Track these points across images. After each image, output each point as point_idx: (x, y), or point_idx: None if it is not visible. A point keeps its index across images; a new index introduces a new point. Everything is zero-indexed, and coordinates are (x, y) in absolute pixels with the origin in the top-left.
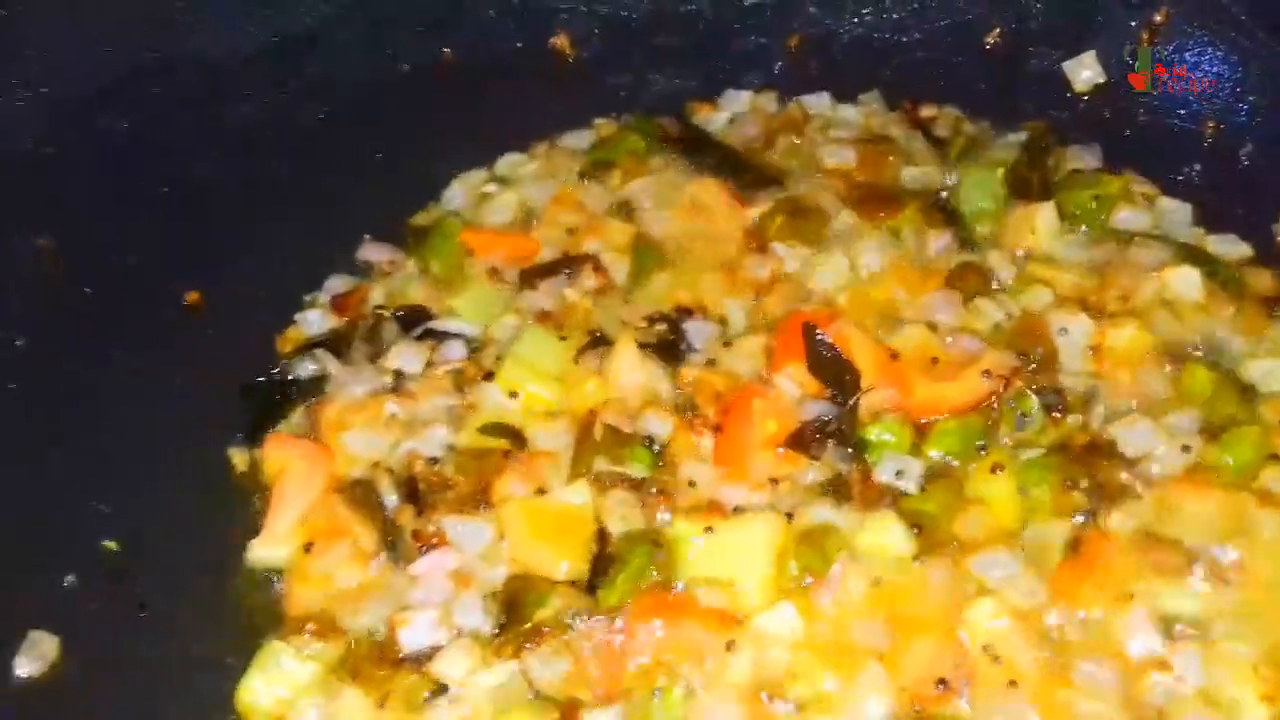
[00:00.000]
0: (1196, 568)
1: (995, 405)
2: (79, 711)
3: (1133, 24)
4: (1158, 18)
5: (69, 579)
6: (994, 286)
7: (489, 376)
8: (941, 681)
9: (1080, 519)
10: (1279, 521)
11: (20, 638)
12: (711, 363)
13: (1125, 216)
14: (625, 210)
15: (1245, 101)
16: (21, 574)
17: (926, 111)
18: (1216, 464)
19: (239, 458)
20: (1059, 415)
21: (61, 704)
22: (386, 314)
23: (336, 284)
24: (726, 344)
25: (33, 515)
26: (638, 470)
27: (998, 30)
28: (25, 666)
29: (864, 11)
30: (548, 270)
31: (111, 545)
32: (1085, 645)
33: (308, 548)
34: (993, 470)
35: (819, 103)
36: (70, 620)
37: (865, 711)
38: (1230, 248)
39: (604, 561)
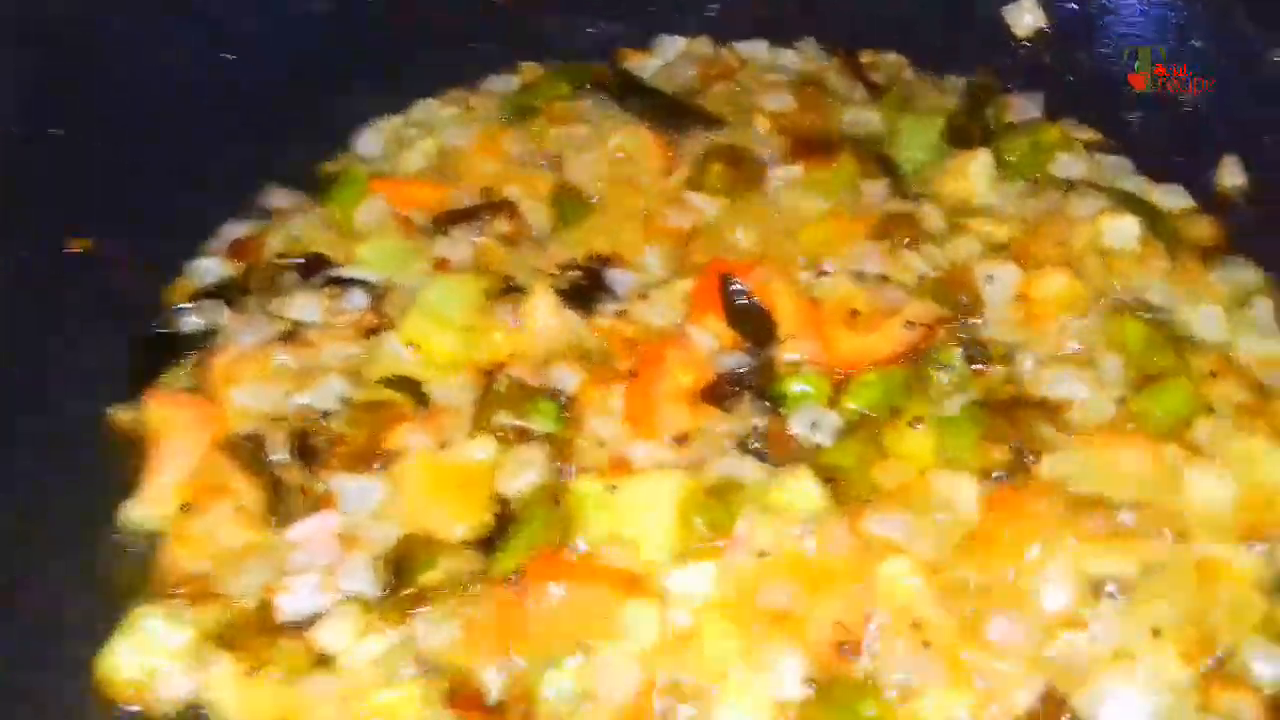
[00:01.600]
0: (1120, 523)
1: (917, 357)
2: None
3: None
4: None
5: None
6: (924, 237)
7: (390, 326)
8: (848, 643)
9: (1000, 474)
10: (1208, 476)
11: None
12: (625, 313)
13: (1064, 164)
14: (548, 158)
15: (1186, 46)
16: None
17: (865, 58)
18: (1146, 415)
19: (121, 415)
20: (982, 367)
21: None
22: (286, 261)
23: (234, 230)
24: (643, 294)
25: None
26: (542, 425)
27: None
28: None
29: None
30: (461, 216)
31: None
32: (1000, 602)
33: (185, 507)
34: (911, 424)
35: (755, 49)
36: None
37: (776, 677)
38: (1172, 198)
39: (504, 521)
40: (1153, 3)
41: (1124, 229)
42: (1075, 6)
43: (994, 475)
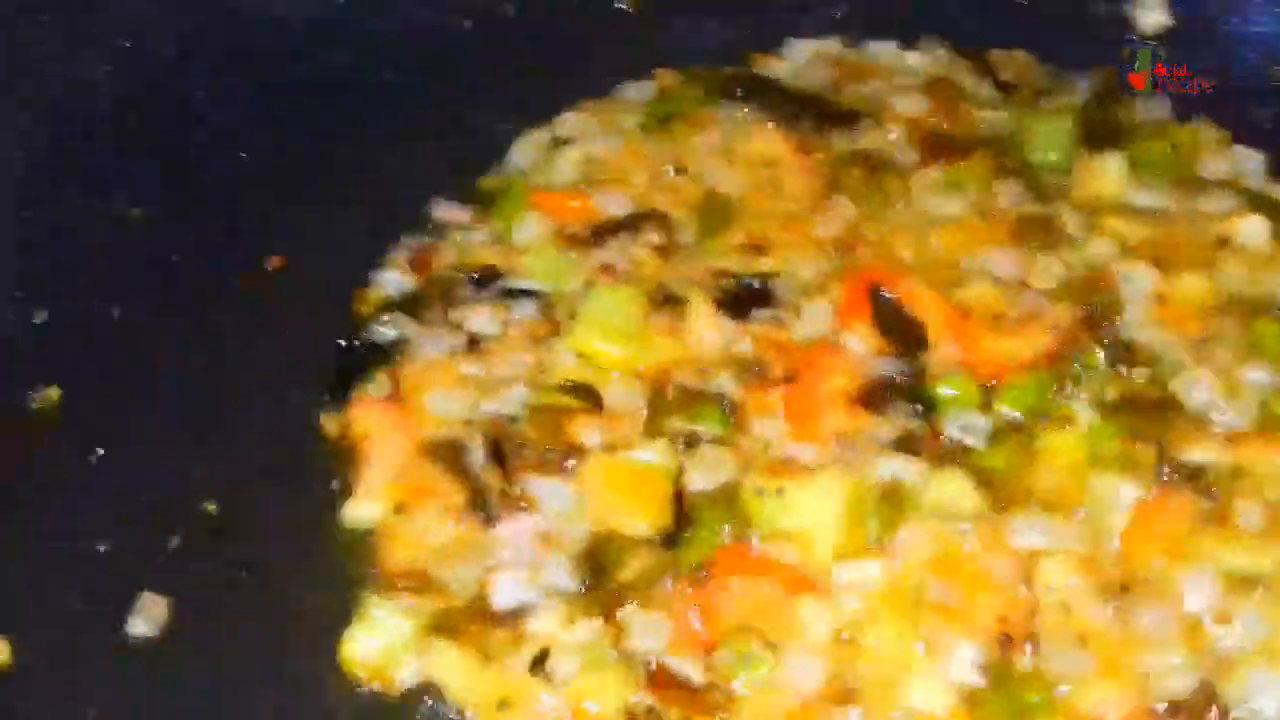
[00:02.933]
0: (1261, 523)
1: (1062, 360)
2: (190, 668)
3: None
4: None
5: (174, 541)
6: (1061, 239)
7: (560, 334)
8: (1010, 637)
9: (1148, 474)
10: None
11: (133, 599)
12: (779, 319)
13: (1197, 164)
14: (691, 165)
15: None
16: (130, 538)
17: (994, 56)
18: None
19: (329, 421)
20: (1125, 369)
21: (174, 661)
22: (460, 274)
23: (411, 243)
24: (795, 302)
25: (137, 480)
26: (711, 428)
27: None
28: (139, 626)
29: None
30: (614, 228)
31: (211, 507)
32: (1151, 597)
33: (399, 508)
34: (1061, 426)
35: (884, 49)
36: (178, 581)
37: (954, 664)
38: None
39: (683, 520)
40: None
41: (1255, 228)
42: (1197, 6)
43: (1141, 476)
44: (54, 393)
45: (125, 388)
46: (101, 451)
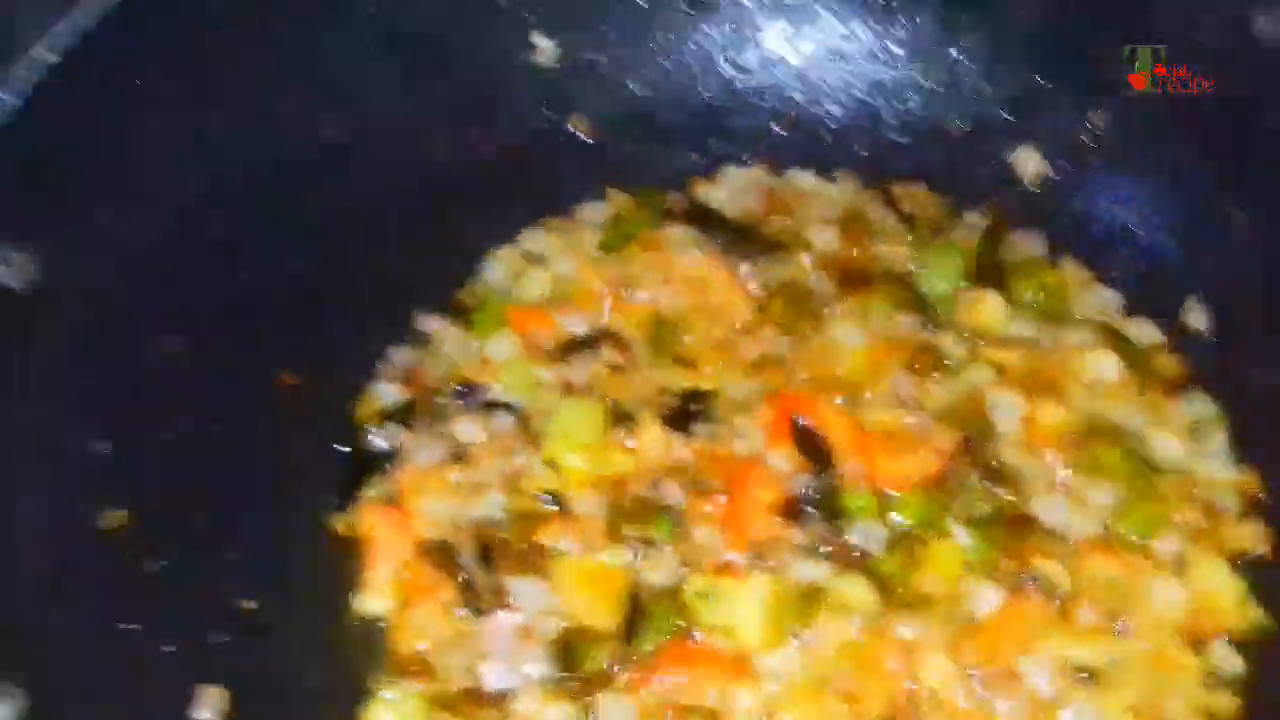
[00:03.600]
0: (1097, 623)
1: (944, 479)
2: None
3: (1072, 125)
4: (1094, 117)
5: (221, 636)
6: (946, 365)
7: (534, 445)
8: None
9: (1010, 581)
10: (1165, 586)
11: (192, 692)
12: (715, 436)
13: (1062, 302)
14: (639, 287)
15: (1164, 199)
16: (188, 636)
17: (896, 189)
18: (1120, 532)
19: (337, 522)
20: (994, 487)
21: None
22: (445, 389)
23: (400, 355)
24: (729, 421)
25: (189, 583)
26: (660, 536)
27: (956, 119)
28: (203, 714)
29: (842, 96)
30: (577, 346)
31: (251, 604)
32: (1005, 687)
33: (403, 601)
34: (941, 537)
35: (804, 179)
36: (227, 672)
37: None
38: (1146, 332)
39: (636, 615)
40: (1145, 163)
41: (1107, 362)
42: (1068, 165)
43: (1004, 582)
44: (119, 514)
45: (174, 504)
46: (165, 563)
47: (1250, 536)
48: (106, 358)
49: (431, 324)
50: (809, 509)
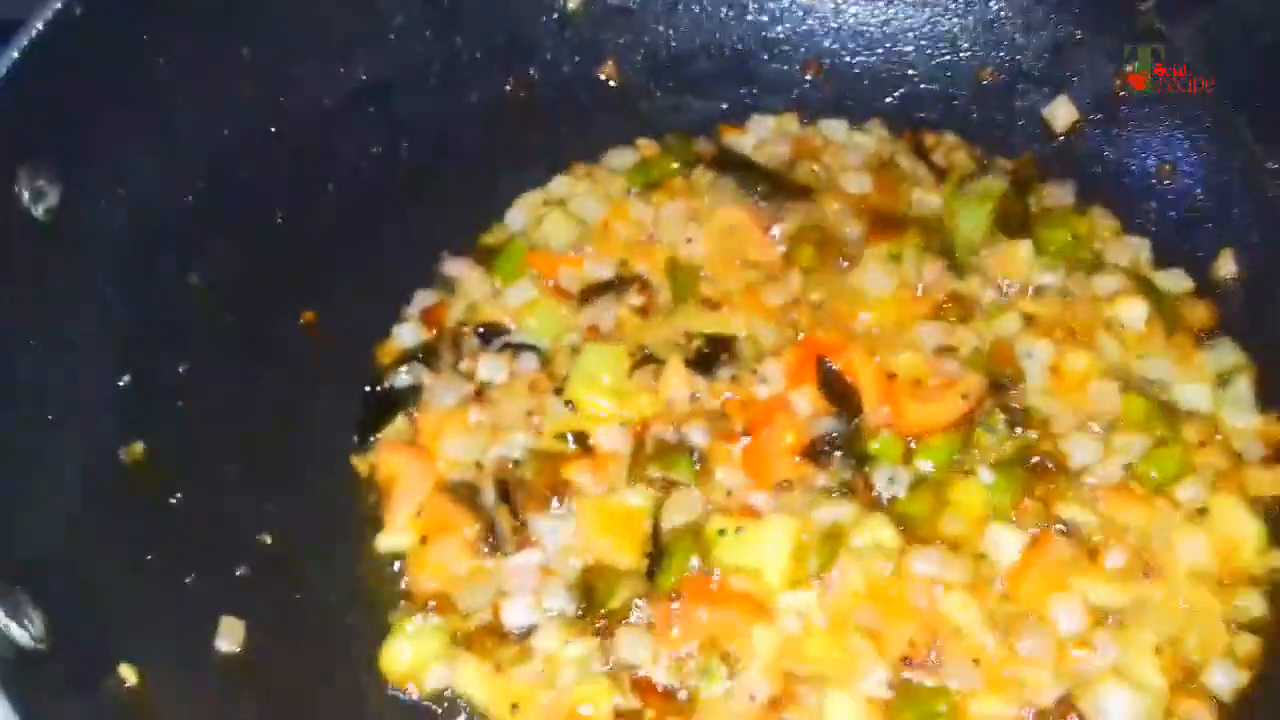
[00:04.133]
0: (1122, 565)
1: (971, 423)
2: (269, 676)
3: (1107, 75)
4: (1129, 68)
5: (242, 570)
6: (975, 314)
7: (558, 391)
8: (913, 658)
9: (1033, 524)
10: (1189, 529)
11: (215, 622)
12: (738, 379)
13: (1092, 250)
14: (665, 231)
15: (1197, 150)
16: (207, 568)
17: (928, 139)
18: (1145, 477)
19: (359, 462)
20: (1021, 432)
21: (254, 671)
22: (468, 329)
23: (424, 298)
24: (753, 365)
25: (209, 516)
26: (682, 476)
27: (990, 69)
28: (224, 645)
29: (875, 45)
30: (601, 289)
31: (268, 539)
32: (1030, 625)
33: (424, 539)
34: (966, 479)
35: (835, 128)
36: (247, 604)
37: (868, 681)
38: (1175, 282)
39: (658, 553)
40: (1174, 111)
41: (1136, 310)
42: (1102, 115)
43: (1028, 525)
44: (139, 447)
45: (193, 438)
46: (180, 495)
47: (1273, 482)
48: (129, 291)
49: (456, 267)
50: (834, 452)
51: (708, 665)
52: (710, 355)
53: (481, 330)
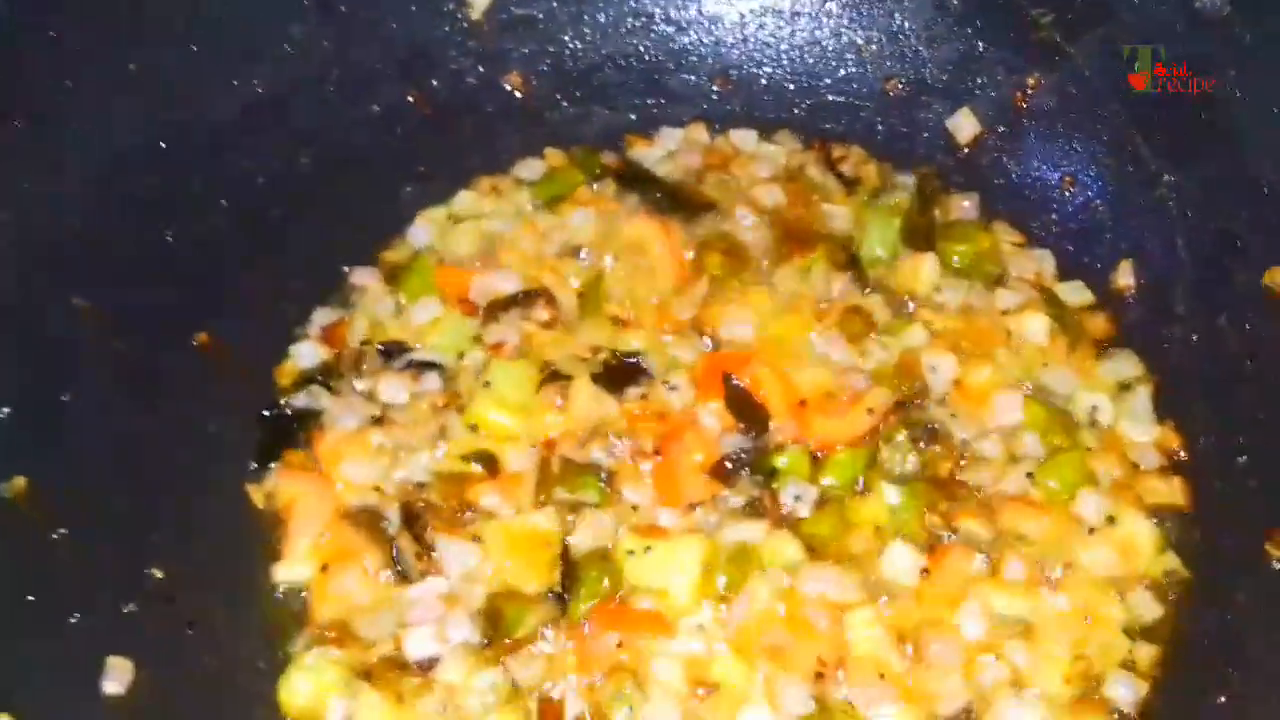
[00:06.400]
0: (1025, 575)
1: (876, 438)
2: (160, 718)
3: (1009, 88)
4: (1030, 81)
5: (129, 607)
6: (880, 328)
7: (461, 406)
8: (823, 674)
9: (939, 536)
10: (1087, 538)
11: (101, 663)
12: (646, 397)
13: (995, 264)
14: (572, 246)
15: (1096, 163)
16: (93, 606)
17: (836, 151)
18: (1047, 486)
19: (255, 490)
20: (924, 447)
21: (144, 713)
22: (369, 347)
23: (323, 316)
24: (662, 380)
25: (95, 551)
26: (590, 497)
27: (895, 80)
28: (111, 687)
29: (781, 57)
30: (507, 304)
31: (159, 573)
32: (935, 634)
33: (324, 568)
34: (869, 496)
35: (744, 138)
36: (136, 643)
37: (788, 699)
38: (1076, 294)
39: (568, 578)
40: (1076, 123)
41: (1037, 324)
42: (1004, 128)
43: (931, 538)
44: (20, 481)
45: (78, 470)
46: (63, 531)
47: (1169, 491)
48: (8, 316)
49: (364, 277)
50: (741, 469)
51: (619, 690)
52: (618, 370)
53: (383, 348)
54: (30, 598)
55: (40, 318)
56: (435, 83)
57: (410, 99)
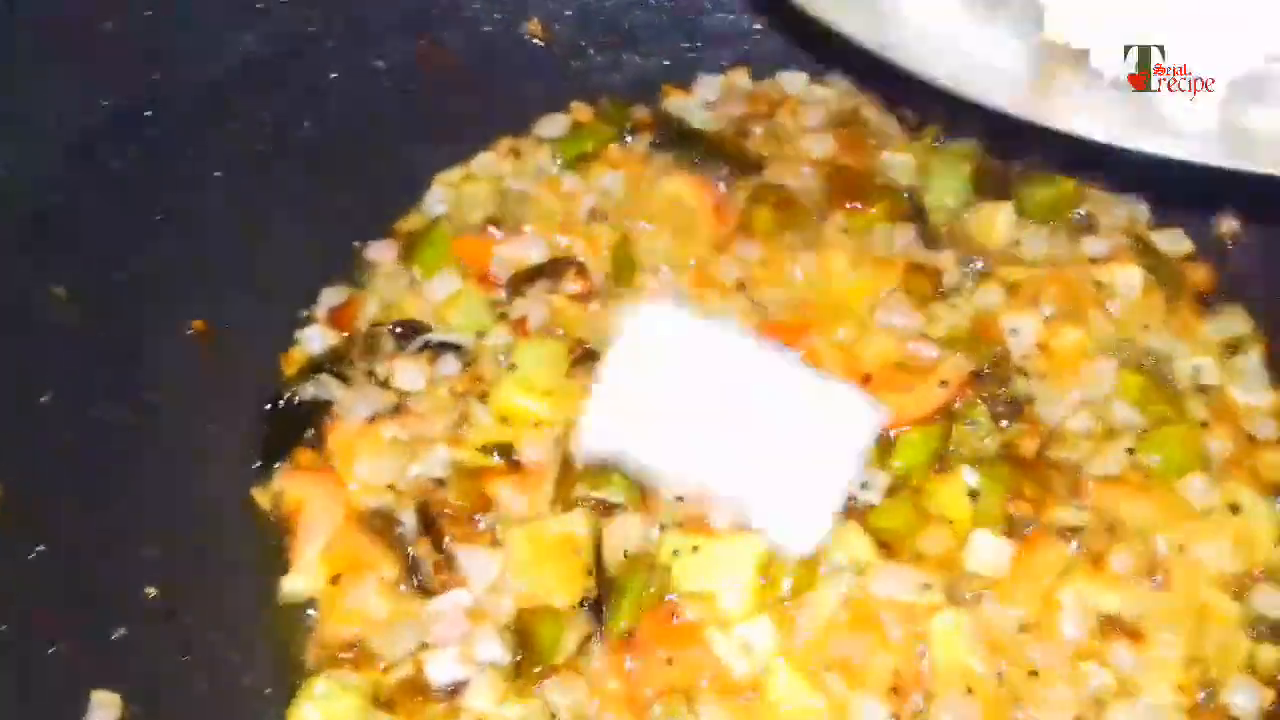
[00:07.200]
0: (1129, 569)
1: (951, 413)
2: None
3: None
4: None
5: (119, 632)
6: (950, 286)
7: (483, 396)
8: (900, 690)
9: (1026, 525)
10: (1201, 526)
11: (85, 699)
12: None
13: (1080, 213)
14: (603, 208)
15: None
16: (76, 634)
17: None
18: (1150, 465)
19: (260, 493)
20: (1007, 423)
21: None
22: (382, 329)
23: (332, 296)
24: None
25: (78, 570)
26: (616, 495)
27: None
28: None
29: None
30: (532, 276)
31: (152, 592)
32: (1030, 639)
33: (335, 580)
34: (946, 482)
35: (792, 81)
36: (125, 673)
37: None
38: (1174, 242)
39: (605, 586)
40: None
41: (1130, 276)
42: None
43: (1019, 528)
44: None
45: (59, 479)
46: (42, 548)
47: None
48: None
49: (377, 252)
50: None
51: (674, 713)
52: None
53: (398, 329)
54: (3, 626)
55: (15, 309)
56: (447, 34)
57: (421, 53)
